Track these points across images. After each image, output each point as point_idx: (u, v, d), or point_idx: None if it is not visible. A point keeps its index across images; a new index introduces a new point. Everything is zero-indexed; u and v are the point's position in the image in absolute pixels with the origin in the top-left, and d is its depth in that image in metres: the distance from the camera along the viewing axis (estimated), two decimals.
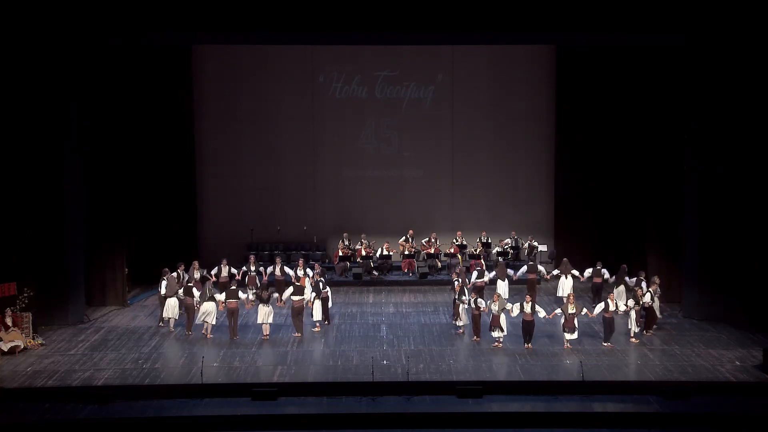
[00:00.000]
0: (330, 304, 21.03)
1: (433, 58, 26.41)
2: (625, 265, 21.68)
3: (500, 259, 24.33)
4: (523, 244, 25.54)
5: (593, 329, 20.15)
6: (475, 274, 21.71)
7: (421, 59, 26.38)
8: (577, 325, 18.98)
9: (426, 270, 25.11)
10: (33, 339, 19.40)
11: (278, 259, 22.76)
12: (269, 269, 22.54)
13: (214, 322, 19.92)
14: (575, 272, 22.31)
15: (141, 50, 23.71)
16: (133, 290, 24.08)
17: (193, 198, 26.07)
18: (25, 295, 19.79)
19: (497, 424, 15.76)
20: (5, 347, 18.62)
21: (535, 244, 25.20)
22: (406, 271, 25.37)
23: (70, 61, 20.72)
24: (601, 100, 24.92)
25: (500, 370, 17.76)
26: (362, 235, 25.59)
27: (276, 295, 21.20)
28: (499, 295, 19.60)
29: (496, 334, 19.10)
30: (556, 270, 22.70)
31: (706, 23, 20.34)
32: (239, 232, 26.22)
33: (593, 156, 25.29)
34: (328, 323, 20.79)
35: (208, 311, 19.81)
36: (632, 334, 19.55)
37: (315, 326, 20.40)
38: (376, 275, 25.22)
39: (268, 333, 19.85)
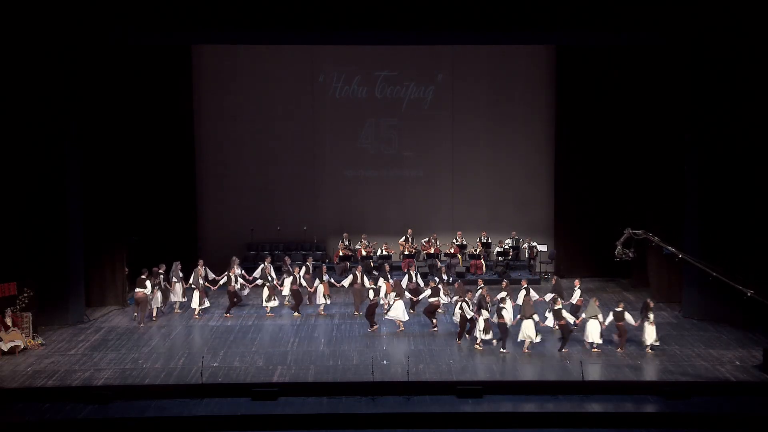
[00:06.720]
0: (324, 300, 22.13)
1: (433, 58, 26.36)
2: (577, 281, 20.96)
3: (503, 264, 24.07)
4: (522, 244, 25.54)
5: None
6: (425, 291, 21.13)
7: (421, 59, 26.33)
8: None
9: (426, 270, 25.08)
10: (33, 339, 19.41)
11: (267, 260, 22.60)
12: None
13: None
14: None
15: (141, 50, 23.73)
16: (133, 290, 24.02)
17: (193, 198, 26.03)
18: (25, 295, 19.79)
19: (497, 424, 15.77)
20: (5, 347, 18.62)
21: (535, 245, 25.21)
22: (406, 270, 25.30)
23: (70, 60, 20.74)
24: (601, 100, 24.94)
25: (500, 370, 17.77)
26: (362, 236, 25.56)
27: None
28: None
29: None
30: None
31: (706, 22, 20.37)
32: (239, 232, 26.20)
33: (593, 156, 25.28)
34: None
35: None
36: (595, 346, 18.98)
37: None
38: (376, 275, 25.10)
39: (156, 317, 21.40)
